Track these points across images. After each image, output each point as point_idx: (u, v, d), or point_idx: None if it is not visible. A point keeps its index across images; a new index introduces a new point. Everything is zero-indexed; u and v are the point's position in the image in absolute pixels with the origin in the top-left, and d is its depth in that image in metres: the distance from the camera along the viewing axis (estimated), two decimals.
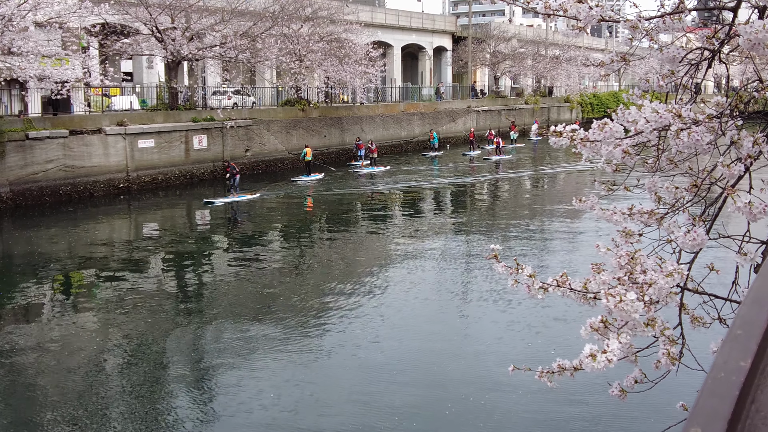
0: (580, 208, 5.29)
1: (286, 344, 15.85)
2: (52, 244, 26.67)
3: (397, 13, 74.73)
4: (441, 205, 38.00)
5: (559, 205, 33.35)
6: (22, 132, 33.29)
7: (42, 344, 16.15)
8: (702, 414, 1.67)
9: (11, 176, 32.71)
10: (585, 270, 4.54)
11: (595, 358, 3.90)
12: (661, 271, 4.08)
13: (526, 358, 14.69)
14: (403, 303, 18.81)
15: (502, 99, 78.70)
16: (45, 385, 13.87)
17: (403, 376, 14.18)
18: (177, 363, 15.18)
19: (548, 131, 4.61)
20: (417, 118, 62.10)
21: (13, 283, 22.00)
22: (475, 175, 48.27)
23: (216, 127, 43.15)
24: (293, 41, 49.15)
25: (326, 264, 23.88)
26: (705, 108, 4.59)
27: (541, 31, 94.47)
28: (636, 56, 5.19)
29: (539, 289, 4.48)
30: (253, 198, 35.72)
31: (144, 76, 49.90)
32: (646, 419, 11.87)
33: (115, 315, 18.19)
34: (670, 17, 4.52)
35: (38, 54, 32.08)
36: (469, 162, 55.28)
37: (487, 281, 20.32)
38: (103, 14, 35.27)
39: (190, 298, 20.26)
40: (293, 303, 18.91)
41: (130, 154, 38.19)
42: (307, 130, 49.92)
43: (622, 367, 4.14)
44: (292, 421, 12.38)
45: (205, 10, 42.56)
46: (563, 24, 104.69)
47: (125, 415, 12.64)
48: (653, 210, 4.87)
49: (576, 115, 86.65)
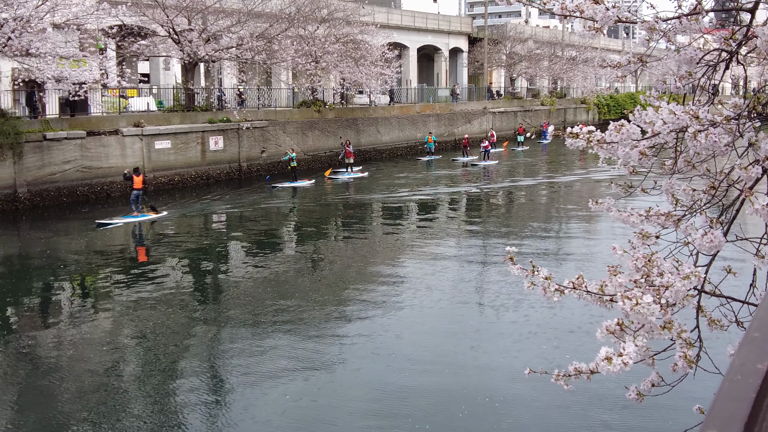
0: (596, 209, 5.27)
1: (301, 346, 15.86)
2: (69, 244, 26.79)
3: (412, 14, 74.71)
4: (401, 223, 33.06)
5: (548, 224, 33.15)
6: (39, 133, 33.51)
7: (59, 344, 16.25)
8: (719, 416, 1.67)
9: (29, 177, 32.93)
10: (601, 273, 4.53)
11: (611, 361, 3.88)
12: (678, 274, 4.06)
13: (541, 361, 14.64)
14: (418, 307, 18.79)
15: (518, 100, 78.49)
16: (61, 385, 13.94)
17: (416, 379, 14.15)
18: (191, 364, 15.20)
19: (564, 132, 4.60)
20: (432, 120, 62.02)
21: (31, 282, 22.13)
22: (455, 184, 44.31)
23: (232, 129, 43.26)
24: (309, 43, 49.25)
25: (337, 269, 23.90)
26: (722, 110, 4.57)
27: (558, 33, 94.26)
28: (653, 57, 5.17)
29: (555, 291, 4.47)
30: (159, 217, 30.96)
31: (161, 78, 50.10)
32: (662, 423, 11.81)
33: (130, 315, 18.26)
34: (687, 18, 4.49)
35: (56, 55, 32.28)
36: (462, 167, 52.15)
37: (501, 284, 20.28)
38: (121, 16, 35.43)
39: (206, 299, 20.31)
40: (310, 302, 18.92)
41: (146, 155, 38.36)
42: (322, 132, 49.99)
43: (638, 370, 4.12)
44: (307, 420, 12.39)
45: (221, 12, 42.68)
46: (579, 25, 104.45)
47: (138, 415, 12.68)
48: (670, 212, 4.85)
49: (592, 116, 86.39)
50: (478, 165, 52.17)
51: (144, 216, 30.54)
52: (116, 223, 29.53)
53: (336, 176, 44.05)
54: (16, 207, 32.30)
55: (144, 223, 30.27)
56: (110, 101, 41.47)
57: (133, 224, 29.91)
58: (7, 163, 32.27)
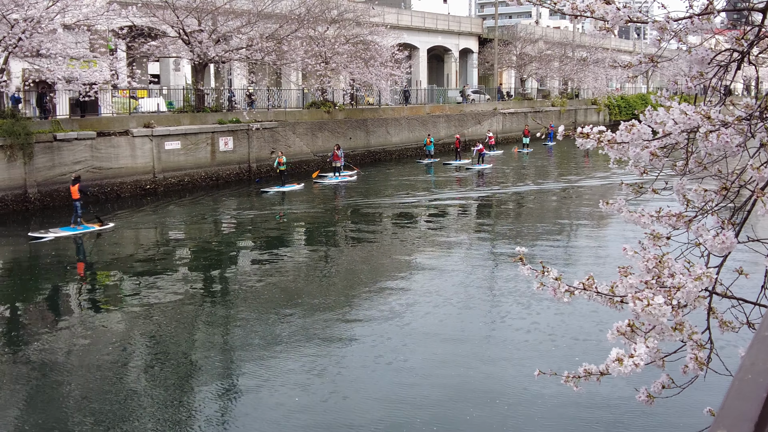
0: (607, 210, 5.25)
1: (310, 345, 15.87)
2: (79, 244, 26.85)
3: (423, 15, 74.73)
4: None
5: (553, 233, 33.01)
6: (50, 133, 33.63)
7: (69, 343, 16.29)
8: (729, 416, 1.65)
9: (39, 177, 33.06)
10: (612, 273, 4.50)
11: (622, 362, 3.86)
12: (689, 275, 4.03)
13: (550, 363, 14.61)
14: (427, 309, 18.78)
15: (528, 101, 78.40)
16: (72, 384, 13.98)
17: (425, 379, 14.14)
18: (202, 363, 15.23)
19: (574, 132, 4.58)
20: (442, 121, 62.00)
21: (41, 282, 22.20)
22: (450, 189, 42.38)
23: (242, 129, 43.34)
24: (319, 43, 49.34)
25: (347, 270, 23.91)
26: (734, 110, 4.54)
27: (568, 33, 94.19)
28: (664, 58, 5.14)
29: (565, 292, 4.45)
30: (105, 229, 28.42)
31: (171, 78, 50.26)
32: (673, 425, 11.77)
33: (139, 315, 18.30)
34: (699, 18, 4.47)
35: (66, 56, 32.42)
36: (455, 171, 50.13)
37: (511, 286, 20.26)
38: (131, 17, 35.53)
39: (216, 299, 20.34)
40: (318, 305, 18.94)
41: (156, 156, 38.47)
42: (332, 132, 50.02)
43: (645, 372, 4.09)
44: (316, 420, 12.39)
45: (231, 13, 42.79)
46: (590, 25, 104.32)
47: (149, 414, 12.70)
48: (681, 213, 4.83)
49: (603, 117, 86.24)
50: (472, 169, 50.02)
51: (86, 228, 27.93)
52: (48, 237, 26.84)
53: (322, 179, 43.08)
54: (27, 207, 32.43)
55: (87, 235, 27.67)
56: (120, 102, 41.64)
57: (71, 237, 27.19)
58: (18, 164, 32.39)
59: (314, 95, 52.31)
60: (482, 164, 50.45)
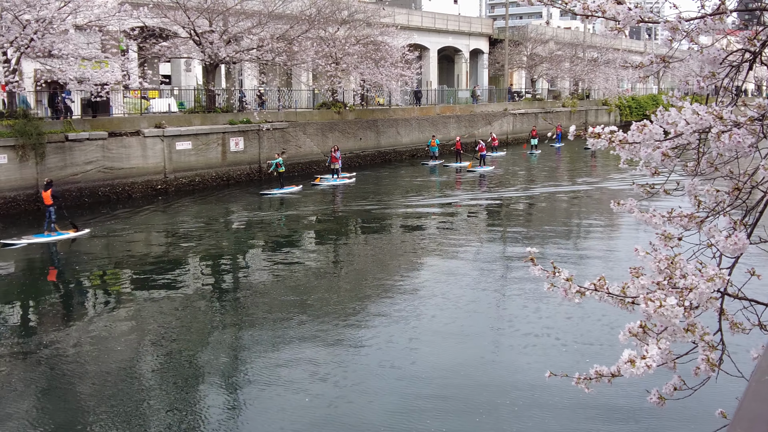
0: (618, 210, 5.23)
1: (316, 349, 15.88)
2: (89, 244, 26.91)
3: (433, 15, 74.71)
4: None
5: None
6: (61, 134, 33.77)
7: (79, 344, 16.33)
8: (745, 417, 1.64)
9: (51, 177, 33.12)
10: (623, 275, 4.48)
11: (634, 363, 3.84)
12: (701, 276, 4.01)
13: (560, 368, 14.56)
14: (434, 312, 18.76)
15: (539, 102, 78.25)
16: (81, 385, 14.01)
17: (434, 381, 14.12)
18: (211, 364, 15.24)
19: (585, 132, 4.56)
20: (453, 121, 61.94)
21: (51, 283, 22.28)
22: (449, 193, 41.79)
23: (252, 130, 43.42)
24: (329, 44, 49.37)
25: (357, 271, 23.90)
26: (746, 110, 4.52)
27: (579, 34, 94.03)
28: (675, 58, 5.12)
29: (576, 293, 4.43)
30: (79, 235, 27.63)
31: (182, 79, 50.42)
32: (683, 427, 11.72)
33: (149, 316, 18.34)
34: (711, 18, 4.45)
35: (78, 56, 32.54)
36: (456, 173, 49.17)
37: (522, 288, 20.23)
38: (142, 17, 35.62)
39: (226, 299, 20.36)
40: (325, 307, 18.95)
41: (167, 156, 38.58)
42: (342, 133, 50.06)
43: (655, 374, 4.07)
44: (321, 425, 12.39)
45: (242, 14, 42.85)
46: (601, 26, 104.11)
47: (158, 415, 12.73)
48: (693, 213, 4.80)
49: (614, 118, 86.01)
50: (474, 171, 48.96)
51: (60, 234, 27.16)
52: (21, 243, 26.02)
53: (321, 182, 42.58)
54: (38, 207, 32.50)
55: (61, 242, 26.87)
56: (132, 102, 41.79)
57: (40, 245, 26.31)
58: (30, 164, 32.54)
59: (325, 96, 52.35)
60: (483, 166, 49.54)
